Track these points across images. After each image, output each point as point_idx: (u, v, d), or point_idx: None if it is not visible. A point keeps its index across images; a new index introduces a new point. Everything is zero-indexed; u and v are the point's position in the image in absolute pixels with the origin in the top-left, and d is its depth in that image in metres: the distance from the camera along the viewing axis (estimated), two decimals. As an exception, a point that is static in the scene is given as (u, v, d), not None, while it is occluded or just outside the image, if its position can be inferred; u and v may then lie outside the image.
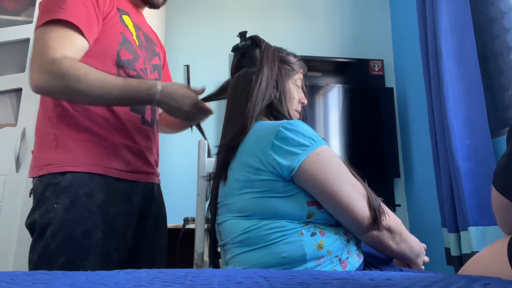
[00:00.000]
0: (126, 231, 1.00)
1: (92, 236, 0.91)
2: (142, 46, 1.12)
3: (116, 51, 1.01)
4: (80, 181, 0.93)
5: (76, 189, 0.93)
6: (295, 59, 0.98)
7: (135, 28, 1.11)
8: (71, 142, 0.96)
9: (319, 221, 0.78)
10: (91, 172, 0.95)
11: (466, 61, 1.66)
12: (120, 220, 0.98)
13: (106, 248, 0.94)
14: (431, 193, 2.01)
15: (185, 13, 2.57)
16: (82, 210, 0.92)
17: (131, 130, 1.04)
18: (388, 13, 2.69)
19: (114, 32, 1.01)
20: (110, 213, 0.96)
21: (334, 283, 0.49)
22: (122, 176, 1.01)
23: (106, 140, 0.99)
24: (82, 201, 0.92)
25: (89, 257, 0.90)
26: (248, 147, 0.81)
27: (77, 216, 0.91)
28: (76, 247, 0.90)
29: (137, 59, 1.07)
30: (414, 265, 0.88)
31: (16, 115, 1.75)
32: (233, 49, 0.98)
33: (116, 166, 1.00)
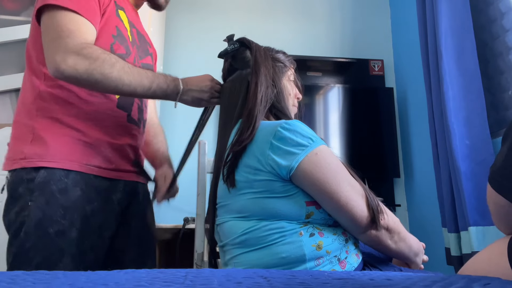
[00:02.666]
0: (103, 230, 0.97)
1: (67, 234, 0.89)
2: (135, 44, 1.11)
3: (110, 44, 0.99)
4: (55, 178, 0.90)
5: (51, 186, 0.90)
6: (285, 56, 0.99)
7: (130, 24, 1.10)
8: (49, 135, 0.93)
9: (318, 221, 0.78)
10: (66, 169, 0.92)
11: (466, 61, 1.66)
12: (97, 218, 0.95)
13: (82, 246, 0.91)
14: (431, 193, 2.01)
15: (185, 13, 2.57)
16: (56, 208, 0.89)
17: (114, 127, 1.01)
18: (388, 13, 2.69)
19: (110, 25, 1.00)
20: (86, 210, 0.93)
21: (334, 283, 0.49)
22: (101, 173, 0.98)
23: (87, 136, 0.96)
24: (56, 198, 0.90)
25: (64, 256, 0.88)
26: (247, 148, 0.81)
27: (52, 214, 0.88)
28: (50, 246, 0.87)
29: (128, 55, 1.06)
30: (413, 264, 0.89)
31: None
32: (222, 54, 0.98)
33: (96, 163, 0.97)
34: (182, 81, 0.96)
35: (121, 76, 0.87)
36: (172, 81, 0.95)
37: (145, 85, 0.90)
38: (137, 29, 1.15)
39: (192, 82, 0.97)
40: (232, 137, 0.85)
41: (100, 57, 0.85)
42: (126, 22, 1.08)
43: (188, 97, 0.97)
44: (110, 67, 0.86)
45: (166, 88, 0.93)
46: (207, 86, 0.98)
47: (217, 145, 0.92)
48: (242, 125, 0.83)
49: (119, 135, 1.03)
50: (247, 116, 0.83)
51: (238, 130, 0.84)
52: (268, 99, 0.87)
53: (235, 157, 0.80)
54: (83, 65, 0.84)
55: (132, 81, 0.88)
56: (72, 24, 0.87)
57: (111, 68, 0.86)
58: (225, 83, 0.99)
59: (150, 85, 0.91)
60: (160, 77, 0.93)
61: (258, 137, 0.80)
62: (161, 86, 0.92)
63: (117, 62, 0.87)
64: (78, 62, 0.84)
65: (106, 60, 0.85)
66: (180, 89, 0.95)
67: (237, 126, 0.86)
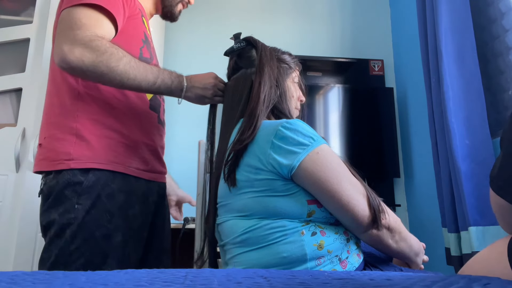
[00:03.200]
0: (142, 230, 1.00)
1: (112, 238, 0.91)
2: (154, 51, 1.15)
3: (139, 48, 1.03)
4: (103, 182, 0.92)
5: (98, 190, 0.91)
6: (290, 58, 0.99)
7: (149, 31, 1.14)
8: (93, 137, 0.94)
9: (319, 220, 0.78)
10: (113, 171, 0.94)
11: (466, 61, 1.66)
12: (138, 220, 0.98)
13: (126, 250, 0.94)
14: (431, 193, 2.01)
15: (185, 13, 2.57)
16: (103, 212, 0.91)
17: (149, 128, 1.05)
18: (388, 13, 2.69)
19: (138, 30, 1.04)
20: (129, 214, 0.95)
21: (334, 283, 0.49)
22: (140, 175, 1.01)
23: (127, 138, 0.98)
24: (103, 202, 0.91)
25: (107, 259, 0.90)
26: (248, 147, 0.81)
27: (98, 218, 0.90)
28: (95, 249, 0.89)
29: (152, 60, 1.10)
30: (413, 264, 0.89)
31: (16, 115, 1.75)
32: (228, 52, 0.98)
33: (135, 165, 0.99)
34: (186, 78, 0.97)
35: (127, 70, 0.87)
36: (176, 77, 0.95)
37: (150, 80, 0.90)
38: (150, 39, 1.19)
39: (196, 79, 0.98)
40: (234, 136, 0.85)
41: (108, 50, 0.85)
42: (148, 29, 1.12)
43: (192, 94, 0.98)
44: (117, 60, 0.86)
45: (171, 84, 0.94)
46: (211, 83, 0.99)
47: (219, 143, 0.92)
48: (244, 124, 0.83)
49: (153, 136, 1.06)
50: (249, 115, 0.83)
51: (239, 129, 0.84)
52: (271, 99, 0.87)
53: (236, 156, 0.80)
54: (90, 57, 0.84)
55: (137, 76, 0.88)
56: (86, 18, 0.88)
57: (118, 62, 0.86)
58: (229, 81, 0.99)
59: (155, 80, 0.91)
60: (165, 73, 0.94)
61: (259, 136, 0.80)
62: (165, 82, 0.93)
63: (124, 57, 0.87)
64: (85, 54, 0.83)
65: (113, 54, 0.86)
66: (184, 85, 0.96)
67: (238, 125, 0.86)
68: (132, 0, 1.03)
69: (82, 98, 0.95)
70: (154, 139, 1.06)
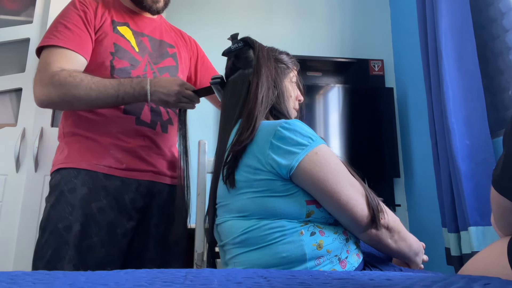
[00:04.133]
0: (115, 227, 1.01)
1: (73, 229, 0.97)
2: (145, 51, 1.15)
3: (110, 61, 1.07)
4: (66, 179, 1.01)
5: (62, 186, 1.00)
6: (288, 57, 0.98)
7: (136, 35, 1.15)
8: (67, 146, 1.07)
9: (318, 220, 0.78)
10: (77, 168, 1.02)
11: (466, 61, 1.66)
12: (106, 215, 1.00)
13: (89, 241, 0.97)
14: (431, 193, 2.00)
15: (185, 13, 2.57)
16: (65, 205, 0.99)
17: (122, 131, 1.07)
18: (388, 13, 2.69)
19: (107, 44, 1.08)
20: (92, 207, 0.99)
21: (334, 283, 0.49)
22: (111, 172, 1.04)
23: (96, 142, 1.05)
24: (66, 196, 0.99)
25: (70, 249, 0.95)
26: (247, 148, 0.81)
27: (61, 211, 0.98)
28: (59, 240, 0.96)
29: (136, 66, 1.11)
30: (413, 264, 0.89)
31: (16, 115, 1.75)
32: (225, 52, 0.98)
33: (106, 163, 1.03)
34: (150, 82, 1.01)
35: (88, 93, 0.97)
36: (138, 84, 1.00)
37: (112, 94, 0.98)
38: (150, 36, 1.19)
39: (160, 84, 1.01)
40: (232, 137, 0.85)
41: (67, 81, 0.96)
42: (130, 35, 1.14)
43: (156, 97, 1.01)
44: (76, 87, 0.96)
45: (133, 92, 1.00)
46: (174, 90, 1.01)
47: (218, 144, 0.92)
48: (242, 125, 0.83)
49: (129, 138, 1.08)
50: (247, 116, 0.83)
51: (238, 130, 0.84)
52: (269, 100, 0.87)
53: (235, 157, 0.80)
54: (55, 93, 0.96)
55: (99, 95, 0.97)
56: (50, 57, 1.00)
57: (77, 89, 0.96)
58: (227, 81, 0.99)
59: (117, 93, 0.98)
60: (125, 83, 1.00)
61: (258, 136, 0.80)
62: (127, 92, 0.99)
63: (81, 82, 0.97)
64: (51, 91, 0.96)
65: (71, 83, 0.96)
66: (147, 89, 1.00)
67: (237, 126, 0.86)
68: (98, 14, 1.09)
69: (65, 117, 1.10)
70: (130, 140, 1.08)
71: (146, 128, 1.12)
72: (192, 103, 1.07)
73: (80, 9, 1.07)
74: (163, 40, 1.23)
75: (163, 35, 1.24)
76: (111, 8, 1.15)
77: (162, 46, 1.22)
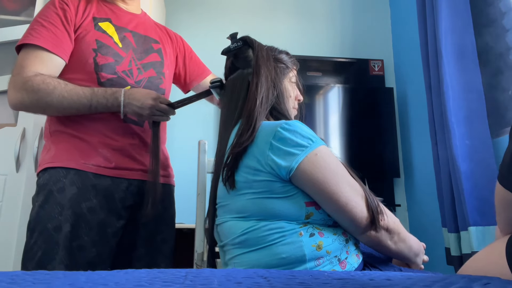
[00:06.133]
0: (105, 226, 1.01)
1: (63, 229, 0.96)
2: (129, 47, 1.14)
3: (93, 58, 1.07)
4: (54, 178, 1.00)
5: (50, 186, 0.99)
6: (288, 57, 0.98)
7: (119, 31, 1.14)
8: (55, 145, 1.05)
9: (318, 222, 0.78)
10: (65, 167, 1.00)
11: (466, 61, 1.66)
12: (96, 215, 1.00)
13: (79, 241, 0.96)
14: (431, 193, 2.01)
15: (185, 13, 2.57)
16: (54, 205, 0.98)
17: (110, 130, 1.07)
18: (388, 13, 2.69)
19: (88, 41, 1.08)
20: (82, 207, 0.99)
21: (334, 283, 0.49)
22: (100, 171, 1.03)
23: (84, 140, 1.04)
24: (55, 196, 0.98)
25: (61, 249, 0.94)
26: (247, 149, 0.80)
27: (50, 211, 0.97)
28: (49, 241, 0.95)
29: (120, 61, 1.11)
30: (413, 264, 0.89)
31: (16, 115, 1.75)
32: (225, 51, 0.97)
33: (94, 162, 1.03)
34: (125, 93, 1.01)
35: (60, 101, 0.97)
36: (112, 95, 1.01)
37: (85, 104, 0.99)
38: (133, 32, 1.18)
39: (134, 96, 1.01)
40: (233, 138, 0.85)
41: (40, 88, 0.96)
42: (112, 31, 1.13)
43: (129, 109, 1.02)
44: (49, 95, 0.96)
45: (106, 102, 1.00)
46: (148, 104, 1.01)
47: (218, 144, 0.92)
48: (242, 126, 0.83)
49: (117, 136, 1.07)
50: (247, 117, 0.83)
51: (238, 131, 0.84)
52: (269, 100, 0.87)
53: (235, 159, 0.80)
54: (27, 99, 0.97)
55: (71, 103, 0.98)
56: (26, 59, 1.00)
57: (50, 96, 0.97)
58: (226, 81, 0.99)
59: (89, 103, 0.99)
60: (99, 93, 1.00)
61: (258, 137, 0.80)
62: (100, 102, 1.00)
63: (54, 90, 0.97)
64: (24, 96, 0.97)
65: (44, 90, 0.96)
66: (120, 101, 1.00)
67: (237, 126, 0.86)
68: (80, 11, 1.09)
69: (51, 117, 1.09)
70: (119, 138, 1.07)
71: (134, 125, 1.11)
72: (166, 116, 1.07)
73: (58, 7, 1.06)
74: (147, 36, 1.21)
75: (147, 31, 1.22)
76: (93, 4, 1.14)
77: (147, 41, 1.20)
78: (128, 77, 1.11)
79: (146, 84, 1.15)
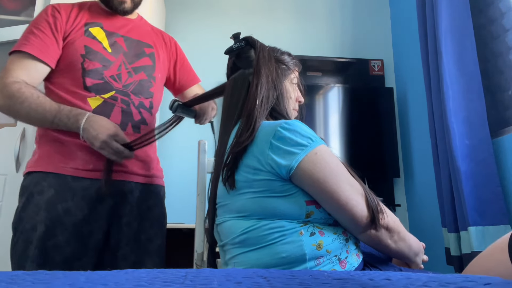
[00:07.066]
0: (82, 226, 1.04)
1: (38, 229, 1.00)
2: (119, 52, 1.16)
3: (81, 63, 1.10)
4: (35, 181, 1.05)
5: (31, 189, 1.05)
6: (290, 58, 0.98)
7: (109, 36, 1.16)
8: (39, 150, 1.10)
9: (318, 221, 0.78)
10: (45, 171, 1.05)
11: (466, 61, 1.66)
12: (72, 215, 1.03)
13: (53, 240, 1.00)
14: (431, 193, 2.01)
15: (185, 14, 2.57)
16: (33, 207, 1.03)
17: None
18: (388, 13, 2.70)
19: (77, 47, 1.11)
20: (58, 208, 1.02)
21: (334, 283, 0.49)
22: (79, 174, 1.06)
23: (66, 144, 1.06)
24: (34, 198, 1.03)
25: (34, 248, 0.98)
26: (247, 148, 0.81)
27: (30, 212, 1.03)
28: (26, 240, 1.00)
29: (108, 66, 1.13)
30: (413, 264, 0.89)
31: (16, 115, 1.75)
32: (227, 51, 0.97)
33: (73, 165, 1.06)
34: (87, 118, 1.02)
35: (28, 112, 1.02)
36: (75, 116, 1.02)
37: (48, 119, 1.02)
38: (125, 36, 1.20)
39: (95, 126, 1.01)
40: (233, 137, 0.85)
41: (14, 96, 1.01)
42: (102, 36, 1.15)
43: (85, 134, 1.02)
44: (20, 104, 1.01)
45: (67, 121, 1.02)
46: (101, 138, 1.00)
47: (218, 143, 0.92)
48: (242, 126, 0.83)
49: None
50: (247, 117, 0.83)
51: (237, 131, 0.84)
52: (269, 101, 0.87)
53: (235, 158, 0.80)
54: (2, 102, 1.03)
55: (37, 116, 1.02)
56: (11, 64, 1.05)
57: (20, 106, 1.01)
58: (227, 80, 0.99)
59: (52, 119, 1.02)
60: (63, 111, 1.02)
61: (258, 137, 0.80)
62: (62, 120, 1.02)
63: (25, 100, 1.01)
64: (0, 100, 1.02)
65: (17, 99, 1.01)
66: (80, 124, 1.01)
67: (238, 126, 0.86)
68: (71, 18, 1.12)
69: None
70: None
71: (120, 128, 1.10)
72: (117, 156, 1.03)
73: (50, 15, 1.11)
74: (140, 41, 1.23)
75: (141, 35, 1.24)
76: (86, 10, 1.17)
77: (139, 46, 1.22)
78: (116, 81, 1.13)
79: (136, 86, 1.17)
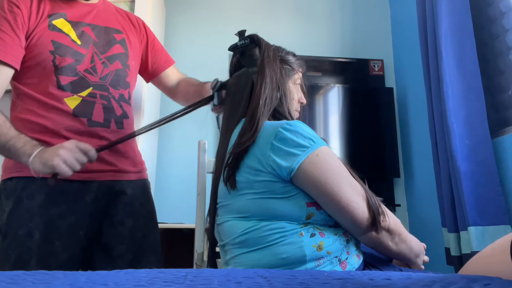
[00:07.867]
0: (77, 229, 1.02)
1: (34, 236, 0.97)
2: (88, 42, 1.10)
3: (52, 61, 1.03)
4: (23, 184, 1.00)
5: (20, 192, 1.00)
6: (294, 58, 0.97)
7: (75, 26, 1.09)
8: None
9: (318, 222, 0.77)
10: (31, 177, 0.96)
11: (466, 61, 1.66)
12: (66, 219, 1.00)
13: (51, 247, 0.98)
14: (431, 193, 2.01)
15: (185, 13, 2.57)
16: (24, 212, 0.99)
17: (74, 135, 1.04)
18: (388, 13, 2.69)
19: (44, 43, 1.03)
20: (51, 213, 0.99)
21: (334, 283, 0.49)
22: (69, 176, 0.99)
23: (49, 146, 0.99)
24: (24, 203, 0.99)
25: (33, 256, 0.96)
26: (248, 149, 0.80)
27: (20, 217, 0.98)
28: (21, 247, 0.97)
29: (81, 60, 1.07)
30: (414, 265, 0.88)
31: (16, 115, 1.74)
32: (232, 48, 0.96)
33: None
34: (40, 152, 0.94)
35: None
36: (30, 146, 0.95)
37: (1, 142, 0.95)
38: (92, 24, 1.13)
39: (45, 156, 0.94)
40: (235, 137, 0.84)
41: None
42: (69, 28, 1.08)
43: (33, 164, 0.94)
44: None
45: (20, 148, 0.95)
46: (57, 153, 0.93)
47: (219, 142, 0.92)
48: (244, 126, 0.82)
49: (82, 140, 1.02)
50: (249, 117, 0.82)
51: (240, 131, 0.83)
52: (272, 102, 0.87)
53: (237, 159, 0.80)
54: None
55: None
56: None
57: None
58: (230, 78, 0.98)
59: (5, 144, 0.95)
60: (19, 140, 0.95)
61: (259, 138, 0.79)
62: (15, 146, 0.95)
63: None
64: None
65: None
66: (32, 153, 0.93)
67: (240, 125, 0.86)
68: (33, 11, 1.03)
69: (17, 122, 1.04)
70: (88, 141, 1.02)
71: (100, 128, 1.08)
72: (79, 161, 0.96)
73: (7, 11, 1.01)
74: (108, 27, 1.16)
75: (108, 21, 1.17)
76: (47, 0, 1.08)
77: (108, 32, 1.15)
78: (91, 74, 1.08)
79: (113, 77, 1.12)
